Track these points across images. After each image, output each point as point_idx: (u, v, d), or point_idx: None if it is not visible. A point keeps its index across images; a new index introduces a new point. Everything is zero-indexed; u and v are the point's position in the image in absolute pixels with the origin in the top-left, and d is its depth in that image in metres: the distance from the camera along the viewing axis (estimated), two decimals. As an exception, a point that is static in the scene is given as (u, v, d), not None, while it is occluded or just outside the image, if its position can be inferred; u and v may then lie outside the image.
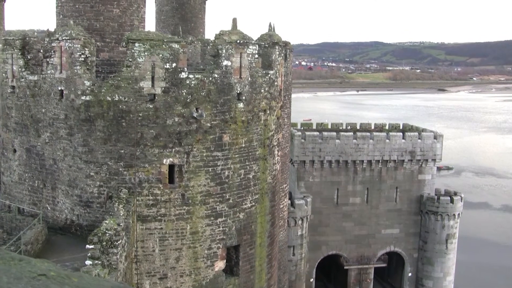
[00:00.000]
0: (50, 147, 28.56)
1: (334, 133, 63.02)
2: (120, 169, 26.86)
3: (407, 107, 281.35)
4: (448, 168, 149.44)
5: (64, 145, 27.82)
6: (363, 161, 62.91)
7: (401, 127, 70.13)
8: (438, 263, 65.30)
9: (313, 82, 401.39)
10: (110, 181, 27.02)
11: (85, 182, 27.39)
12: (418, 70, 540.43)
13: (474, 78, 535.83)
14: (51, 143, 28.45)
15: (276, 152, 32.10)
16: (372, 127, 69.85)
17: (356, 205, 64.42)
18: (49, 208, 29.34)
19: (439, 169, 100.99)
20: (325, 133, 62.69)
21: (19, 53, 29.67)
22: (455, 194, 65.77)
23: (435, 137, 64.83)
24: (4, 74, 30.65)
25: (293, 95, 48.90)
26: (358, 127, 69.41)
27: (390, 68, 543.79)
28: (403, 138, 63.93)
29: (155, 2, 53.47)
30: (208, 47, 30.92)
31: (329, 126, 69.61)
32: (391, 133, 64.56)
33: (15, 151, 30.81)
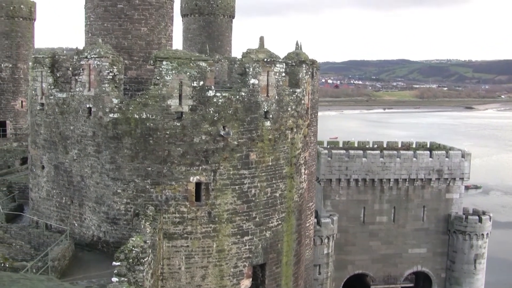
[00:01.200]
0: (78, 164, 28.73)
1: (361, 152, 62.73)
2: (147, 187, 26.93)
3: (434, 125, 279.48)
4: (476, 187, 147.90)
5: (92, 162, 27.98)
6: (390, 179, 62.51)
7: (428, 146, 69.66)
8: (466, 283, 64.45)
9: (339, 100, 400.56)
10: (137, 198, 27.10)
11: (112, 199, 27.50)
12: (445, 88, 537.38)
13: (502, 96, 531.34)
14: (79, 160, 28.63)
15: (303, 170, 31.99)
16: (399, 146, 69.47)
17: (383, 224, 63.95)
18: (76, 224, 29.47)
19: (467, 188, 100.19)
20: (351, 152, 62.43)
21: (49, 71, 29.98)
22: (484, 213, 65.02)
23: (462, 156, 64.29)
24: (33, 92, 30.97)
25: (319, 113, 48.80)
26: (385, 146, 69.04)
27: (417, 86, 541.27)
28: (431, 157, 63.45)
29: (182, 21, 53.99)
30: (235, 65, 31.03)
31: (356, 144, 69.33)
32: (418, 152, 64.13)
33: (43, 167, 31.04)
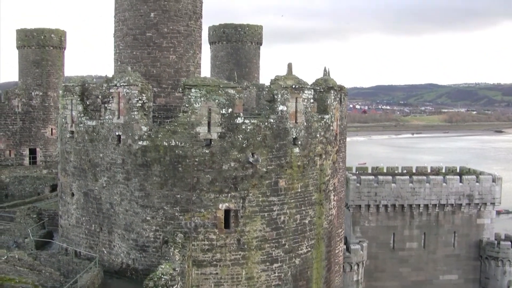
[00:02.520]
0: (107, 191, 28.85)
1: (390, 177, 62.21)
2: (176, 214, 26.94)
3: (463, 149, 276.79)
4: (508, 212, 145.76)
5: (121, 189, 28.08)
6: (419, 205, 61.84)
7: (458, 170, 68.92)
8: (499, 310, 63.28)
9: (367, 126, 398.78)
10: (166, 225, 27.10)
11: (141, 227, 27.52)
12: (474, 112, 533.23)
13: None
14: (108, 187, 28.75)
15: (332, 197, 31.79)
16: (429, 171, 68.78)
17: (413, 250, 63.14)
18: (105, 251, 29.52)
19: (498, 212, 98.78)
20: (380, 177, 61.96)
21: (79, 99, 30.27)
22: (516, 239, 63.98)
23: (493, 180, 63.45)
24: (63, 120, 31.25)
25: (347, 139, 48.58)
26: (414, 171, 68.41)
27: (446, 110, 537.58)
28: (461, 182, 62.71)
29: (210, 48, 54.32)
30: (264, 92, 31.07)
31: (385, 170, 68.79)
32: (448, 177, 63.40)
33: (73, 195, 31.22)
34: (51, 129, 64.85)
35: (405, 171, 68.26)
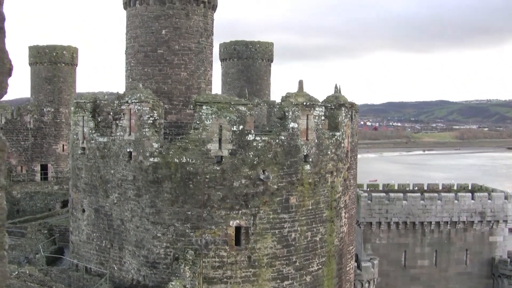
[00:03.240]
0: (118, 208, 28.88)
1: (401, 194, 61.98)
2: (187, 231, 26.91)
3: (475, 166, 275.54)
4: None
5: (132, 206, 28.10)
6: (431, 222, 61.52)
7: (469, 187, 68.54)
8: (512, 329, 62.70)
9: (378, 143, 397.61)
10: (176, 242, 27.07)
11: (152, 243, 27.50)
12: (486, 129, 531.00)
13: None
14: (119, 204, 28.78)
15: (343, 214, 31.69)
16: (440, 188, 68.42)
17: (425, 267, 62.75)
18: (116, 268, 29.50)
19: (511, 230, 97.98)
20: (391, 194, 61.74)
21: (90, 116, 30.39)
22: (529, 257, 63.48)
23: (506, 197, 63.06)
24: (75, 136, 31.37)
25: (358, 156, 48.49)
26: (425, 188, 68.08)
27: (457, 127, 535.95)
28: (472, 199, 62.35)
29: (221, 65, 54.41)
30: (275, 109, 31.07)
31: (396, 187, 68.49)
32: (459, 194, 63.08)
33: (84, 211, 31.27)
34: (63, 145, 65.11)
35: (416, 188, 67.93)
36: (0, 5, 2.95)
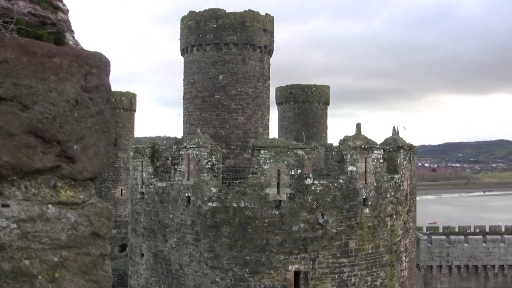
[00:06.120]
0: (177, 252, 28.94)
1: (462, 237, 60.78)
2: (246, 275, 26.76)
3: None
4: None
5: (191, 250, 28.13)
6: (494, 265, 60.06)
7: (533, 229, 66.83)
8: None
9: (437, 184, 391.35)
10: (235, 287, 26.92)
11: (211, 288, 27.42)
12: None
13: None
14: (178, 248, 28.85)
15: (403, 258, 31.13)
16: (503, 230, 66.83)
17: (488, 312, 61.13)
18: (174, 313, 29.45)
19: None
20: (452, 237, 60.59)
21: (149, 161, 30.73)
22: None
23: None
24: (134, 181, 31.73)
25: (417, 198, 47.82)
26: (487, 230, 66.62)
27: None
28: (537, 241, 60.76)
29: (278, 109, 54.61)
30: (332, 153, 30.99)
31: (456, 229, 67.22)
32: (523, 236, 61.58)
33: (142, 255, 31.42)
34: (121, 189, 65.86)
35: (478, 230, 66.52)
36: (106, 76, 2.99)
